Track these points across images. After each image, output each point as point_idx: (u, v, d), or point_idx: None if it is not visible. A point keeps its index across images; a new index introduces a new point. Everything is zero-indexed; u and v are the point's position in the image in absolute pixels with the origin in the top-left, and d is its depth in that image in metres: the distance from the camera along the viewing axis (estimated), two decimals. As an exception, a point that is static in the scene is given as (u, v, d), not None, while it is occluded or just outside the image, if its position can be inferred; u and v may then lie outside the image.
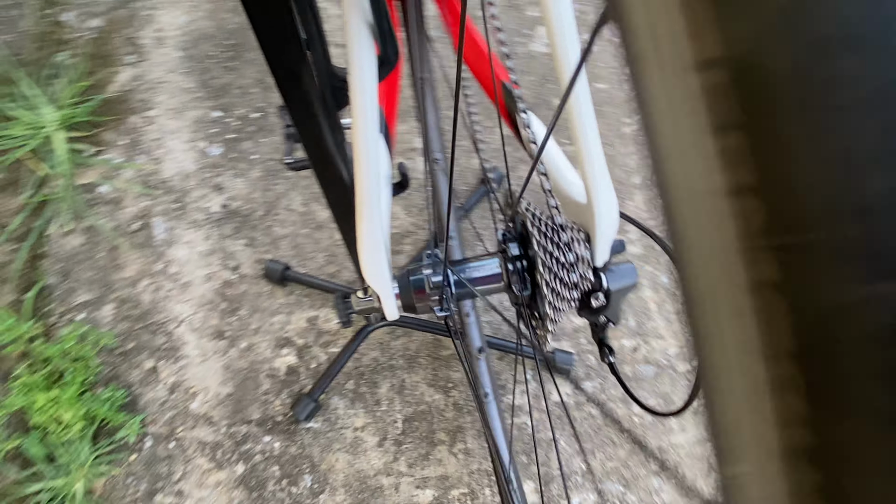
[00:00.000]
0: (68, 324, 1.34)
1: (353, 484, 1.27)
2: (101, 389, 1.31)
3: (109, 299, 1.39)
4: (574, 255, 0.64)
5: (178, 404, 1.32)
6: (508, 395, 1.33)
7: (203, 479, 1.27)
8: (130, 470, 1.27)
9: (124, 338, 1.36)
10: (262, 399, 1.32)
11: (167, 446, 1.29)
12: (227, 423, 1.30)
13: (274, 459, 1.28)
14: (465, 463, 1.29)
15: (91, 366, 1.31)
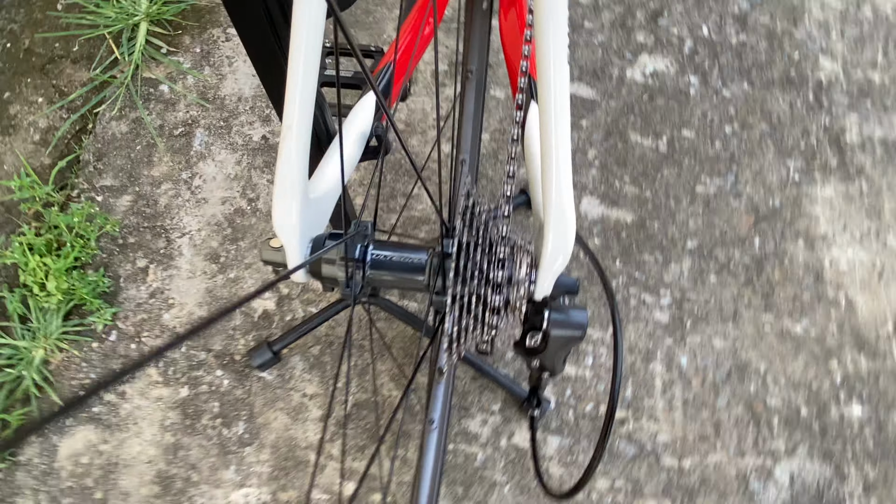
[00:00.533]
0: (85, 201, 1.38)
1: (282, 448, 1.22)
2: (91, 272, 1.33)
3: (130, 191, 1.41)
4: (504, 275, 0.54)
5: (153, 311, 1.31)
6: (468, 422, 1.23)
7: (148, 389, 1.26)
8: (88, 356, 1.28)
9: (129, 231, 1.38)
10: (230, 333, 1.30)
11: (128, 346, 1.29)
12: (188, 344, 1.29)
13: (218, 395, 1.25)
14: (397, 472, 1.20)
15: (90, 246, 1.34)
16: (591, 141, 1.48)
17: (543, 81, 0.50)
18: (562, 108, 0.51)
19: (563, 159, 0.52)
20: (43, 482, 1.19)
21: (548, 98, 0.50)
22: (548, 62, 0.49)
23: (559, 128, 0.51)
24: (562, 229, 0.54)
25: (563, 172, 0.52)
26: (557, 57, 0.50)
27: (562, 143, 0.51)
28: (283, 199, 0.56)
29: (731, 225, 1.41)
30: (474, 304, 0.53)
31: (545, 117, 0.51)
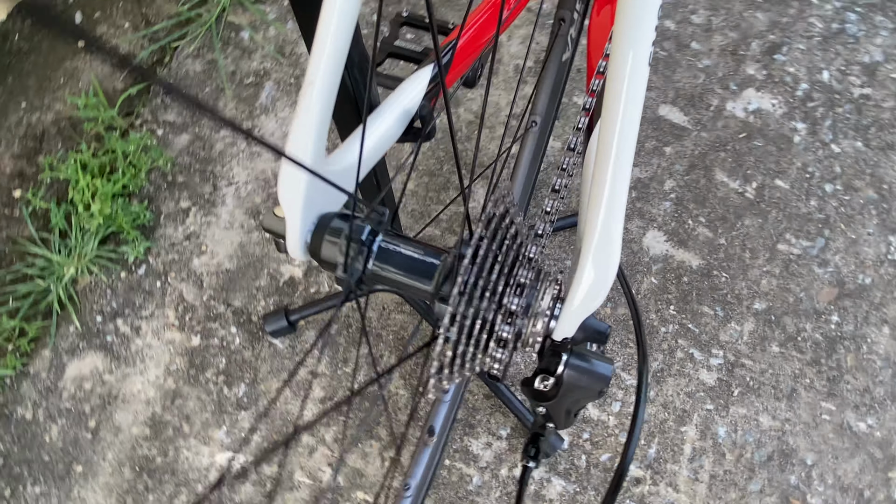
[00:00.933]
0: (145, 132, 1.37)
1: (277, 421, 1.18)
2: (135, 203, 1.33)
3: (189, 131, 1.40)
4: (521, 303, 0.46)
5: (185, 253, 1.30)
6: (471, 441, 1.15)
7: (162, 330, 1.24)
8: (114, 284, 1.28)
9: (180, 170, 1.37)
10: (253, 293, 1.27)
11: (154, 283, 1.28)
12: (211, 294, 1.27)
13: (227, 352, 1.22)
14: (387, 473, 1.13)
15: (140, 177, 1.34)
16: (672, 171, 1.35)
17: (613, 87, 0.41)
18: (629, 121, 0.42)
19: (619, 182, 0.43)
20: (45, 397, 1.19)
21: (615, 107, 0.41)
22: (622, 66, 0.40)
23: (622, 144, 0.42)
24: (601, 264, 0.45)
25: (615, 197, 0.43)
26: (636, 62, 0.41)
27: (621, 163, 0.42)
28: (292, 166, 0.49)
29: (809, 294, 1.26)
30: (477, 329, 0.45)
31: (607, 128, 0.42)
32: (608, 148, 0.42)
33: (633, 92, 0.42)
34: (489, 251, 0.45)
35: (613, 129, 0.42)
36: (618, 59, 0.42)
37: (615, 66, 0.42)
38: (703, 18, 1.49)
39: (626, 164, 0.42)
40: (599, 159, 0.42)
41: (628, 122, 0.42)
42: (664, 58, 1.45)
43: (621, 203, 0.43)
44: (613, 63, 0.43)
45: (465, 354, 0.46)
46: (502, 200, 0.47)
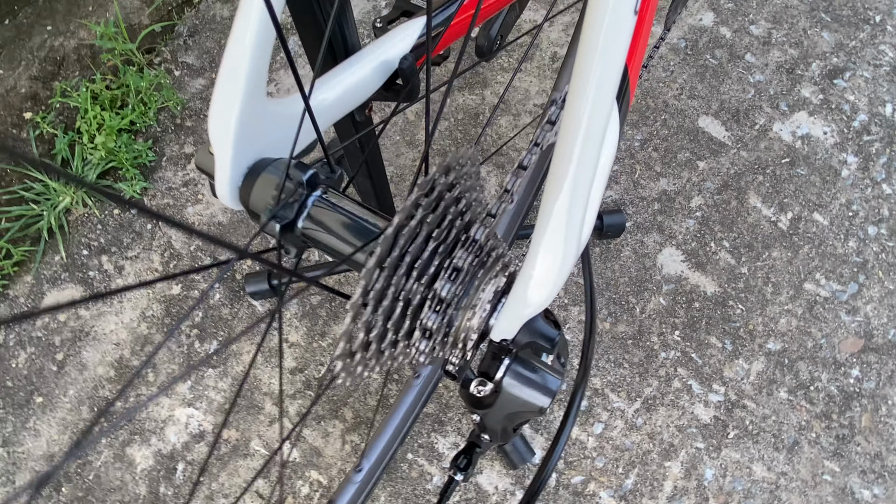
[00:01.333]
0: (161, 70, 1.34)
1: (245, 386, 1.13)
2: (140, 141, 1.30)
3: (206, 76, 1.36)
4: (454, 290, 0.39)
5: (180, 199, 1.26)
6: (438, 438, 1.09)
7: (145, 273, 1.21)
8: (105, 220, 1.25)
9: (190, 114, 1.33)
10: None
11: (145, 225, 1.25)
12: (198, 245, 1.23)
13: (204, 306, 1.18)
14: (346, 456, 1.08)
15: (148, 115, 1.30)
16: (702, 188, 1.25)
17: (586, 45, 0.33)
18: (601, 93, 0.33)
19: (584, 160, 0.35)
20: (17, 324, 1.17)
21: (585, 73, 0.33)
22: (598, 12, 0.32)
23: (591, 118, 0.34)
24: (552, 258, 0.37)
25: (578, 179, 0.35)
26: (608, 48, 0.32)
27: (588, 140, 0.34)
28: (224, 98, 0.43)
29: (831, 342, 1.15)
30: (397, 312, 0.38)
31: (574, 97, 0.34)
32: (574, 122, 0.34)
33: (610, 51, 0.34)
34: (423, 222, 0.38)
35: (583, 100, 0.34)
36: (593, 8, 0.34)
37: (591, 15, 0.34)
38: (762, 30, 1.38)
39: (593, 143, 0.35)
40: (562, 134, 0.34)
41: (600, 93, 0.34)
42: (714, 66, 1.35)
43: (583, 187, 0.36)
44: (589, 13, 0.34)
45: (380, 339, 0.39)
46: (455, 168, 0.40)
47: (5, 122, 1.32)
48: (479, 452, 0.52)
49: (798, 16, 1.39)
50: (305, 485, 1.07)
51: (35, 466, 1.08)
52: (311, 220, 0.45)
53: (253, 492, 1.06)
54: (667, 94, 1.32)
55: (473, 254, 0.40)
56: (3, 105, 1.34)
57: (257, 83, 0.44)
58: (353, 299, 0.36)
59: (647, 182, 1.26)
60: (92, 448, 1.09)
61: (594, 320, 0.48)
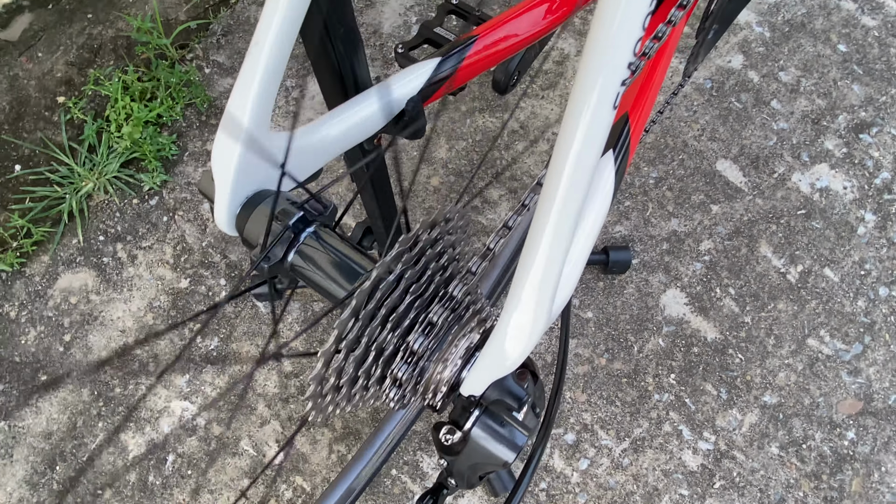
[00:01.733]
0: (192, 67, 1.37)
1: (239, 384, 1.15)
2: (165, 134, 1.33)
3: (235, 76, 1.39)
4: (426, 344, 0.40)
5: (197, 196, 1.29)
6: (424, 458, 1.10)
7: (156, 265, 1.24)
8: (124, 209, 1.28)
9: (216, 112, 1.36)
10: (248, 257, 1.24)
11: (161, 217, 1.28)
12: (211, 242, 1.25)
13: (210, 302, 1.21)
14: (331, 465, 1.09)
15: (175, 110, 1.33)
16: (713, 232, 1.24)
17: (570, 122, 0.34)
18: (588, 146, 0.34)
19: (564, 220, 0.36)
20: (32, 301, 1.21)
21: (573, 122, 0.34)
22: (588, 81, 0.33)
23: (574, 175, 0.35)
24: (522, 323, 0.38)
25: (556, 241, 0.36)
26: (599, 98, 0.33)
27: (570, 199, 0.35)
28: (228, 131, 0.44)
29: (829, 402, 1.13)
30: (369, 361, 0.39)
31: (560, 151, 0.34)
32: (557, 176, 0.35)
33: (591, 137, 0.34)
34: (401, 276, 0.39)
35: (567, 152, 0.34)
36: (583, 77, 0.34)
37: (580, 80, 0.34)
38: (791, 77, 1.36)
39: (571, 209, 0.35)
40: (539, 206, 0.35)
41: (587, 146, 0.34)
42: (738, 110, 1.34)
43: (558, 257, 0.36)
44: (578, 80, 0.35)
45: (351, 384, 0.40)
46: (440, 224, 0.41)
47: (39, 104, 1.37)
48: (445, 494, 0.53)
49: (829, 66, 1.37)
50: (289, 489, 1.09)
51: (34, 443, 1.12)
52: (300, 256, 0.46)
53: (238, 491, 1.08)
54: (687, 133, 1.32)
55: (450, 309, 0.41)
56: (39, 87, 1.39)
57: (262, 117, 0.45)
58: (325, 347, 0.37)
59: (658, 221, 1.25)
60: (89, 432, 1.12)
61: (562, 380, 0.49)
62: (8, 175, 1.30)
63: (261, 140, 0.46)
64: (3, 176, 1.30)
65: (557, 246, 0.35)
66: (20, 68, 1.40)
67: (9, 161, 1.32)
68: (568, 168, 0.33)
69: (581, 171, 0.33)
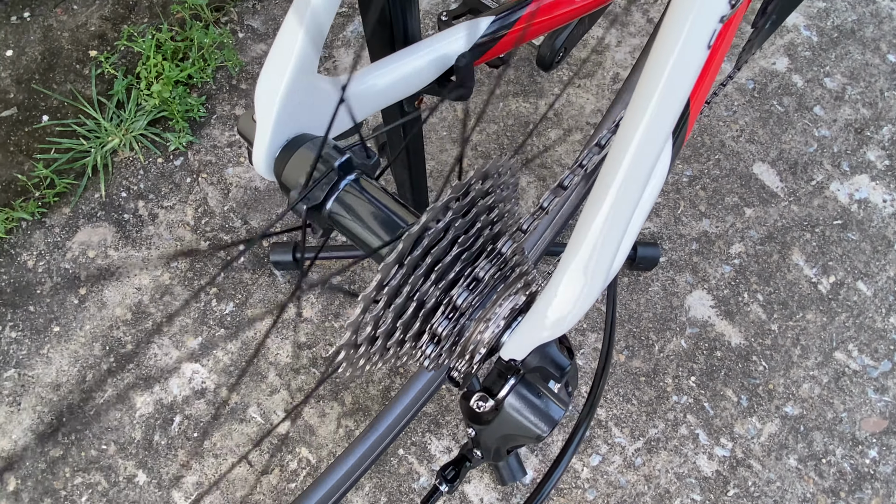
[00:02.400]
0: (226, 30, 1.36)
1: (251, 351, 1.14)
2: (194, 95, 1.31)
3: (269, 42, 1.37)
4: (470, 300, 0.38)
5: (222, 159, 1.28)
6: (432, 440, 1.08)
7: (176, 225, 1.23)
8: (148, 167, 1.27)
9: (246, 77, 1.34)
10: (273, 217, 1.23)
11: (185, 178, 1.26)
12: (232, 206, 1.24)
13: (228, 268, 1.19)
14: (338, 439, 1.08)
15: (206, 72, 1.32)
16: (745, 235, 1.21)
17: (641, 96, 0.32)
18: (661, 113, 0.32)
19: (629, 188, 0.33)
20: (50, 251, 1.20)
21: (648, 90, 0.32)
22: (671, 37, 0.30)
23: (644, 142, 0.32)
24: (576, 285, 0.36)
25: (619, 206, 0.34)
26: (689, 35, 0.31)
27: (638, 166, 0.33)
28: (275, 67, 0.42)
29: (853, 418, 1.10)
30: (409, 312, 0.37)
31: (631, 117, 0.32)
32: (623, 150, 0.33)
33: (674, 84, 0.32)
34: (451, 225, 0.36)
35: (636, 130, 0.32)
36: (667, 29, 0.32)
37: (661, 44, 0.32)
38: (837, 84, 1.32)
39: (640, 175, 0.33)
40: (609, 161, 0.33)
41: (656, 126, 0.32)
42: (779, 113, 1.30)
43: (622, 219, 0.34)
44: (659, 41, 0.32)
45: (387, 336, 0.38)
46: (492, 175, 0.38)
47: (71, 57, 1.36)
48: (468, 467, 0.51)
49: (877, 75, 1.33)
50: (294, 460, 1.07)
51: (42, 393, 1.11)
52: (340, 203, 0.44)
53: (243, 459, 1.07)
54: (725, 133, 1.28)
55: (497, 266, 0.39)
56: (72, 39, 1.38)
57: (311, 57, 0.43)
58: (366, 291, 0.35)
59: (689, 220, 1.22)
60: (98, 387, 1.12)
61: (610, 355, 0.46)
62: (35, 125, 1.30)
63: (309, 79, 0.44)
64: (31, 125, 1.30)
65: (624, 204, 0.33)
66: (55, 19, 1.39)
67: (37, 111, 1.31)
68: (651, 110, 0.30)
69: (663, 116, 0.31)
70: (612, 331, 0.47)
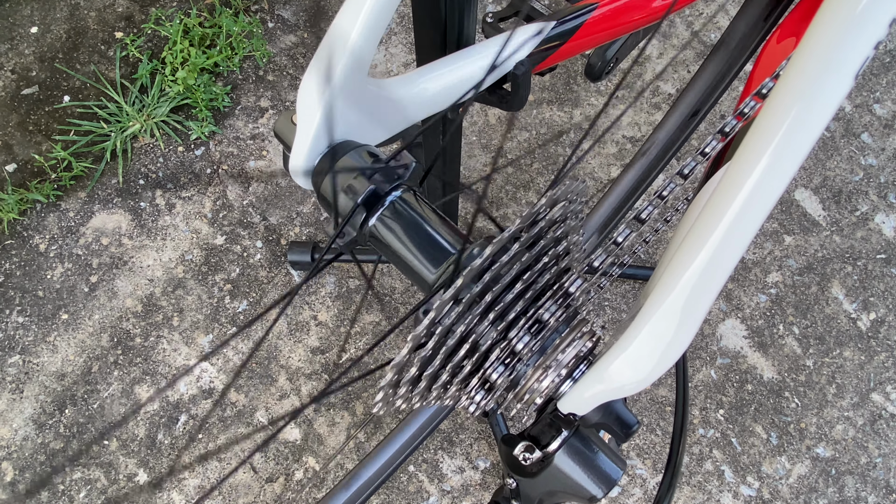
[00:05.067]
0: (255, 19, 1.32)
1: (261, 351, 1.10)
2: (220, 84, 1.28)
3: (298, 34, 1.33)
4: (532, 344, 0.33)
5: (244, 151, 1.24)
6: (444, 458, 1.03)
7: (193, 217, 1.19)
8: (168, 155, 1.23)
9: (274, 68, 1.30)
10: (292, 216, 1.19)
11: (205, 169, 1.23)
12: (252, 201, 1.20)
13: (243, 263, 1.15)
14: (346, 451, 1.04)
15: (233, 61, 1.28)
16: (783, 265, 1.15)
17: (770, 121, 0.27)
18: (779, 171, 0.27)
19: (730, 245, 0.29)
20: (63, 236, 1.17)
21: (762, 145, 0.27)
22: (797, 95, 0.26)
23: (755, 196, 0.28)
24: (660, 338, 0.31)
25: (716, 263, 0.29)
26: (821, 96, 0.26)
27: (743, 222, 0.28)
28: (322, 67, 0.38)
29: (888, 464, 1.04)
30: (461, 354, 0.32)
31: (741, 166, 0.28)
32: (732, 193, 0.28)
33: (800, 136, 0.27)
34: (516, 260, 0.32)
35: (750, 171, 0.27)
36: (792, 84, 0.27)
37: (783, 94, 0.28)
38: (887, 112, 1.27)
39: (750, 227, 0.28)
40: (713, 203, 0.28)
41: (777, 171, 0.27)
42: (825, 138, 1.24)
43: (721, 273, 0.29)
44: (782, 89, 0.28)
45: (433, 379, 0.34)
46: (563, 200, 0.34)
47: (96, 37, 1.33)
48: (502, 515, 0.46)
49: (931, 105, 1.27)
50: (300, 469, 1.03)
51: (46, 382, 1.08)
52: (385, 220, 0.40)
53: (247, 463, 1.03)
54: (767, 156, 1.23)
55: (562, 307, 0.34)
56: (99, 20, 1.34)
57: (363, 57, 0.39)
58: (418, 330, 0.31)
59: (726, 244, 1.17)
60: (103, 379, 1.08)
61: (685, 418, 0.42)
62: (56, 105, 1.26)
63: (359, 81, 0.40)
64: (51, 105, 1.26)
65: (737, 239, 0.28)
66: (82, -2, 1.36)
67: (58, 91, 1.28)
68: (780, 139, 0.26)
69: (798, 144, 0.26)
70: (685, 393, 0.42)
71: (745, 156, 0.27)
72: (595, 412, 0.35)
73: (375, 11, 0.37)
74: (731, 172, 0.28)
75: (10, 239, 1.16)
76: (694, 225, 0.29)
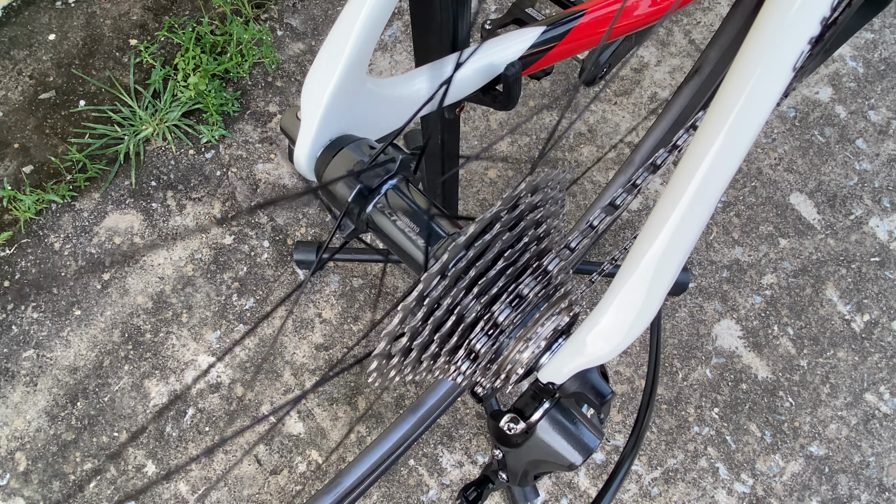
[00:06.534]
0: (265, 27, 1.36)
1: (263, 350, 1.13)
2: (230, 90, 1.32)
3: (306, 42, 1.37)
4: (512, 317, 0.36)
5: (253, 154, 1.28)
6: (444, 452, 1.06)
7: (204, 217, 1.23)
8: (179, 158, 1.27)
9: (282, 75, 1.34)
10: (298, 217, 1.23)
11: (214, 171, 1.27)
12: (260, 202, 1.23)
13: (251, 262, 1.19)
14: (349, 444, 1.06)
15: (243, 67, 1.32)
16: (778, 267, 1.18)
17: (721, 103, 0.30)
18: (735, 143, 0.30)
19: (692, 215, 0.32)
20: (77, 235, 1.21)
21: (720, 118, 0.30)
22: (748, 68, 0.29)
23: (712, 171, 0.31)
24: (628, 309, 0.34)
25: (680, 233, 0.32)
26: (768, 68, 0.29)
27: (704, 195, 0.31)
28: (324, 66, 0.41)
29: (881, 463, 1.06)
30: (447, 326, 0.35)
31: (692, 154, 0.31)
32: (688, 176, 0.31)
33: (748, 118, 0.30)
34: (497, 238, 0.35)
35: (704, 154, 0.30)
36: (740, 75, 0.30)
37: (733, 84, 0.31)
38: (881, 118, 1.29)
39: (705, 207, 0.31)
40: (671, 187, 0.31)
41: (730, 151, 0.30)
42: (820, 144, 1.27)
43: (680, 251, 0.32)
44: (732, 79, 0.31)
45: (422, 350, 0.37)
46: (542, 188, 0.37)
47: (111, 44, 1.37)
48: (491, 489, 0.49)
49: (924, 111, 1.30)
50: (303, 462, 1.06)
51: (59, 375, 1.11)
52: (381, 208, 0.43)
53: (252, 455, 1.06)
54: (763, 161, 1.26)
55: (541, 284, 0.37)
56: (114, 27, 1.39)
57: (361, 57, 0.42)
58: (407, 301, 0.34)
59: (721, 247, 1.19)
60: (114, 373, 1.12)
61: (655, 388, 0.44)
62: (72, 109, 1.31)
63: (358, 79, 0.43)
64: (67, 109, 1.31)
65: (690, 227, 0.31)
66: (98, 6, 1.41)
67: (75, 95, 1.33)
68: (729, 126, 0.29)
69: (744, 132, 0.29)
70: (657, 358, 0.45)
71: (700, 139, 0.30)
72: (572, 381, 0.38)
73: (373, 16, 0.41)
74: (687, 156, 0.31)
75: (26, 238, 1.20)
76: (655, 208, 0.32)
